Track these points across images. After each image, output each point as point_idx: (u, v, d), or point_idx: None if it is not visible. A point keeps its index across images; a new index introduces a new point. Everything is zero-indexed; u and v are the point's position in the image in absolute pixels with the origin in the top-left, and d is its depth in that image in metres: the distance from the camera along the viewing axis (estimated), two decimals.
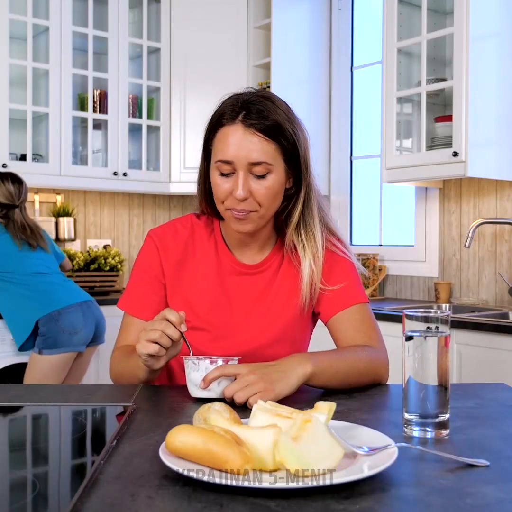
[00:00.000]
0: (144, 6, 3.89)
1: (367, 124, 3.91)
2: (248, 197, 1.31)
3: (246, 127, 1.29)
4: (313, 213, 1.40)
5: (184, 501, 0.75)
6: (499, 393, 1.32)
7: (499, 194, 3.15)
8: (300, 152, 1.35)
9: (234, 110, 1.31)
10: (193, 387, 1.23)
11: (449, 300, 3.27)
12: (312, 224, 1.41)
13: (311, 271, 1.40)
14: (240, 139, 1.29)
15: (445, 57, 3.20)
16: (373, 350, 1.38)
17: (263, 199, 1.32)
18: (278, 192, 1.35)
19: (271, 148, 1.30)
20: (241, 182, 1.30)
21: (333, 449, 0.81)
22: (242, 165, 1.29)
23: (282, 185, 1.36)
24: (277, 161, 1.32)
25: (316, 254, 1.40)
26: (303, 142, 1.36)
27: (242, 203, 1.31)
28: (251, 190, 1.31)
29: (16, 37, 3.51)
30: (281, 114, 1.32)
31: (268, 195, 1.32)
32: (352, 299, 1.43)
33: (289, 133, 1.32)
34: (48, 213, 3.89)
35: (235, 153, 1.29)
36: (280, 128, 1.31)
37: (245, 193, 1.30)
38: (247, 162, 1.29)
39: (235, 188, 1.30)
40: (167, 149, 3.97)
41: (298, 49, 3.80)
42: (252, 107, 1.30)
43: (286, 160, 1.34)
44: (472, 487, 0.80)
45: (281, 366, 1.22)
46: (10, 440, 1.09)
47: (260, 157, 1.29)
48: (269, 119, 1.30)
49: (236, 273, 1.45)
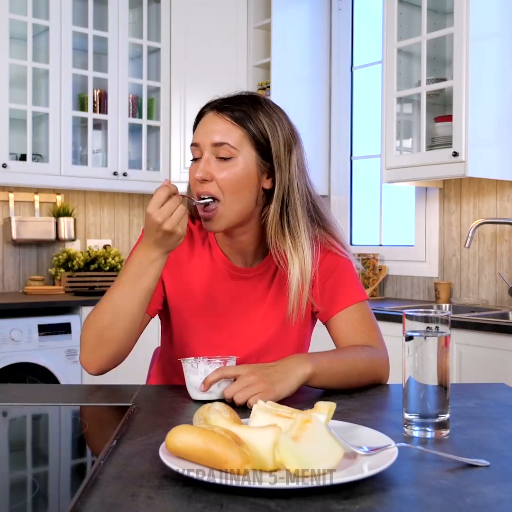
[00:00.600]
0: (144, 6, 3.89)
1: (367, 124, 3.91)
2: (207, 179, 1.31)
3: (216, 112, 1.34)
4: (297, 215, 1.35)
5: (184, 501, 0.75)
6: (499, 393, 1.32)
7: (499, 194, 3.15)
8: (273, 146, 1.33)
9: (216, 101, 1.37)
10: (193, 390, 1.23)
11: (449, 300, 3.27)
12: (298, 227, 1.35)
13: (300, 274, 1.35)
14: (208, 123, 1.34)
15: (445, 57, 3.20)
16: (373, 350, 1.37)
17: (224, 183, 1.31)
18: (245, 182, 1.33)
19: (237, 133, 1.32)
20: (202, 163, 1.32)
21: (333, 449, 0.81)
22: (205, 146, 1.32)
23: (250, 176, 1.33)
24: (243, 147, 1.32)
25: (303, 257, 1.35)
26: (284, 140, 1.34)
27: (205, 185, 1.31)
28: (213, 173, 1.31)
29: (16, 37, 3.50)
30: (259, 107, 1.34)
31: (230, 180, 1.31)
32: (350, 298, 1.42)
33: (261, 124, 1.33)
34: (48, 213, 3.89)
35: (201, 135, 1.34)
36: (250, 116, 1.33)
37: (204, 173, 1.31)
38: (210, 143, 1.32)
39: (197, 169, 1.32)
40: (167, 149, 3.97)
41: (298, 49, 3.80)
42: (233, 99, 1.36)
43: (258, 150, 1.33)
44: (472, 487, 0.80)
45: (281, 366, 1.22)
46: (10, 440, 1.09)
47: (222, 138, 1.31)
48: (241, 106, 1.33)
49: (232, 277, 1.43)
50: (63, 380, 3.27)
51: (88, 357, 1.33)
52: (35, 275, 3.84)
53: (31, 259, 3.85)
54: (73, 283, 3.68)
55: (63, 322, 3.31)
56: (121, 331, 1.29)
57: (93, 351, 1.32)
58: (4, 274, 3.77)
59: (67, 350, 3.30)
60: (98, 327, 1.31)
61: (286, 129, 1.36)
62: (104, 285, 3.75)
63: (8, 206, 3.75)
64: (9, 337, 3.11)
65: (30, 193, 3.82)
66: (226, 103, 1.35)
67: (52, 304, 3.32)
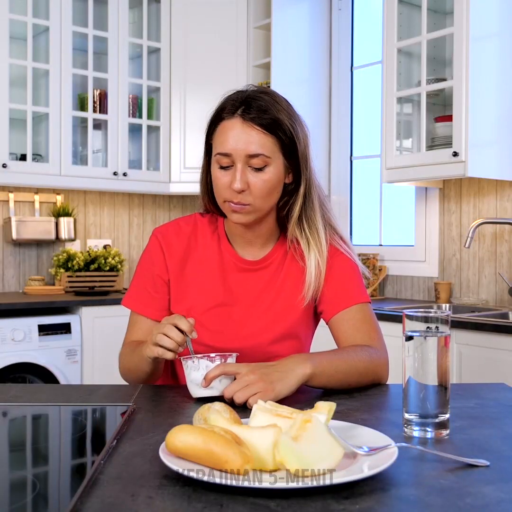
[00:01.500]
0: (144, 6, 3.89)
1: (367, 124, 3.91)
2: (245, 189, 1.33)
3: (244, 121, 1.32)
4: (314, 207, 1.42)
5: (184, 501, 0.75)
6: (499, 393, 1.32)
7: (499, 194, 3.15)
8: (298, 147, 1.36)
9: (234, 105, 1.34)
10: (194, 386, 1.23)
11: (449, 300, 3.27)
12: (315, 219, 1.42)
13: (317, 264, 1.42)
14: (239, 132, 1.32)
15: (445, 57, 3.20)
16: (373, 350, 1.38)
17: (260, 192, 1.34)
18: (276, 186, 1.37)
19: (269, 141, 1.33)
20: (239, 174, 1.32)
21: (333, 449, 0.81)
22: (240, 157, 1.32)
23: (280, 179, 1.37)
24: (275, 154, 1.34)
25: (321, 248, 1.42)
26: (303, 138, 1.38)
27: (240, 195, 1.33)
28: (249, 182, 1.33)
29: (16, 37, 3.50)
30: (280, 109, 1.35)
31: (265, 188, 1.34)
32: (353, 298, 1.43)
33: (288, 128, 1.34)
34: (48, 213, 3.89)
35: (233, 146, 1.32)
36: (279, 123, 1.33)
37: (242, 185, 1.32)
38: (245, 155, 1.31)
39: (233, 180, 1.32)
40: (167, 149, 3.97)
41: (298, 49, 3.80)
42: (251, 102, 1.33)
43: (285, 154, 1.36)
44: (472, 487, 0.80)
45: (280, 366, 1.22)
46: (10, 440, 1.09)
47: (257, 149, 1.31)
48: (267, 113, 1.32)
49: (239, 269, 1.46)
50: (63, 380, 3.27)
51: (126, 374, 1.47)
52: (35, 275, 3.84)
53: (31, 259, 3.85)
54: (73, 283, 3.68)
55: (63, 322, 3.31)
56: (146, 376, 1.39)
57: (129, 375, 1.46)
58: (4, 274, 3.77)
59: (67, 350, 3.30)
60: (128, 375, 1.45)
61: (302, 126, 1.40)
62: (104, 285, 3.75)
63: (8, 206, 3.75)
64: (9, 337, 3.11)
65: (30, 193, 3.82)
66: (250, 108, 1.32)
67: (52, 304, 3.32)
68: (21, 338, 3.16)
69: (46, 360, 3.23)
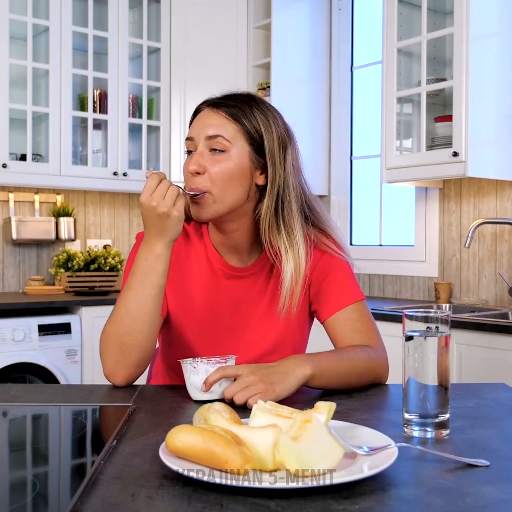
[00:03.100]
0: (144, 6, 3.89)
1: (367, 124, 3.91)
2: (201, 171, 1.32)
3: (212, 108, 1.36)
4: (292, 212, 1.36)
5: (184, 501, 0.75)
6: (499, 393, 1.32)
7: (499, 194, 3.15)
8: (266, 143, 1.35)
9: (211, 98, 1.39)
10: (194, 390, 1.23)
11: (449, 300, 3.27)
12: (293, 224, 1.36)
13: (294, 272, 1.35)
14: (203, 117, 1.36)
15: (445, 57, 3.20)
16: (372, 350, 1.37)
17: (217, 177, 1.32)
18: (238, 176, 1.33)
19: (231, 126, 1.34)
20: (196, 155, 1.33)
21: (333, 449, 0.81)
22: (200, 139, 1.34)
23: (243, 169, 1.34)
24: (237, 141, 1.33)
25: (298, 253, 1.35)
26: (278, 138, 1.36)
27: (197, 178, 1.32)
28: (206, 165, 1.32)
29: (16, 37, 3.50)
30: (254, 105, 1.36)
31: (224, 173, 1.32)
32: (348, 298, 1.42)
33: (256, 120, 1.35)
34: (48, 213, 3.89)
35: (196, 129, 1.36)
36: (245, 112, 1.34)
37: (197, 166, 1.32)
38: (204, 136, 1.33)
39: (190, 163, 1.33)
40: (167, 149, 3.97)
41: (298, 49, 3.80)
42: (226, 96, 1.38)
43: (251, 145, 1.34)
44: (472, 487, 0.80)
45: (280, 367, 1.22)
46: (10, 440, 1.09)
47: (216, 131, 1.33)
48: (236, 102, 1.36)
49: (228, 276, 1.43)
50: (63, 380, 3.27)
51: (113, 369, 1.32)
52: (35, 275, 3.84)
53: (31, 259, 3.85)
54: (73, 283, 3.68)
55: (63, 322, 3.31)
56: (141, 335, 1.29)
57: (118, 362, 1.31)
58: (4, 274, 3.77)
59: (67, 350, 3.30)
60: (117, 336, 1.30)
61: (281, 128, 1.38)
62: (104, 285, 3.75)
63: (8, 206, 3.75)
64: (9, 337, 3.11)
65: (30, 193, 3.82)
66: (221, 99, 1.38)
67: (52, 304, 3.32)
68: (21, 338, 3.16)
69: (46, 360, 3.23)
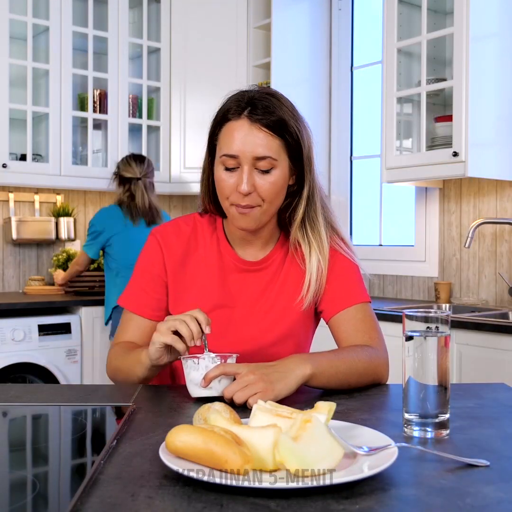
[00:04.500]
0: (144, 6, 3.89)
1: (367, 124, 3.91)
2: (252, 192, 1.32)
3: (252, 122, 1.31)
4: (317, 210, 1.42)
5: (184, 501, 0.75)
6: (499, 393, 1.32)
7: (499, 194, 3.15)
8: (303, 149, 1.36)
9: (240, 105, 1.32)
10: (193, 386, 1.23)
11: (449, 300, 3.27)
12: (317, 221, 1.42)
13: (318, 267, 1.41)
14: (246, 134, 1.31)
15: (445, 57, 3.20)
16: (373, 350, 1.37)
17: (267, 194, 1.33)
18: (282, 188, 1.37)
19: (276, 143, 1.32)
20: (246, 177, 1.31)
21: (333, 449, 0.81)
22: (247, 159, 1.31)
23: (285, 181, 1.37)
24: (281, 157, 1.33)
25: (323, 251, 1.42)
26: (307, 140, 1.38)
27: (246, 198, 1.32)
28: (255, 185, 1.32)
29: (16, 37, 3.51)
30: (286, 111, 1.34)
31: (272, 190, 1.33)
32: (353, 298, 1.43)
33: (294, 130, 1.34)
34: (48, 213, 3.89)
35: (240, 147, 1.31)
36: (285, 124, 1.32)
37: (249, 187, 1.31)
38: (252, 157, 1.30)
39: (240, 183, 1.31)
40: (167, 149, 3.97)
41: (298, 49, 3.80)
42: (257, 103, 1.32)
43: (290, 157, 1.35)
44: (472, 487, 0.80)
45: (280, 366, 1.22)
46: (10, 440, 1.09)
47: (265, 152, 1.31)
48: (274, 115, 1.31)
49: (238, 270, 1.45)
50: (63, 380, 3.27)
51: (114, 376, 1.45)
52: (35, 275, 3.84)
53: (31, 259, 3.85)
54: (73, 283, 3.67)
55: (63, 322, 3.32)
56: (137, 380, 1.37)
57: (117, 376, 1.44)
58: (4, 274, 3.77)
59: (67, 350, 3.30)
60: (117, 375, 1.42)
61: (307, 129, 1.40)
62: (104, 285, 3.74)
63: (8, 206, 3.75)
64: (9, 337, 3.11)
65: (30, 193, 3.82)
66: (257, 109, 1.32)
67: (52, 304, 3.32)
68: (21, 338, 3.16)
69: (46, 360, 3.23)
